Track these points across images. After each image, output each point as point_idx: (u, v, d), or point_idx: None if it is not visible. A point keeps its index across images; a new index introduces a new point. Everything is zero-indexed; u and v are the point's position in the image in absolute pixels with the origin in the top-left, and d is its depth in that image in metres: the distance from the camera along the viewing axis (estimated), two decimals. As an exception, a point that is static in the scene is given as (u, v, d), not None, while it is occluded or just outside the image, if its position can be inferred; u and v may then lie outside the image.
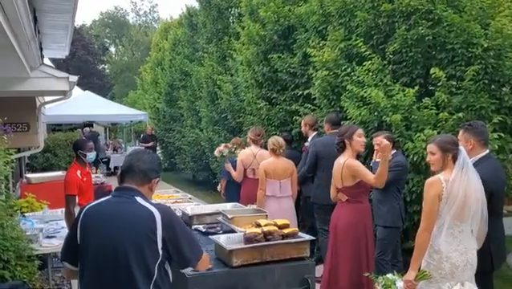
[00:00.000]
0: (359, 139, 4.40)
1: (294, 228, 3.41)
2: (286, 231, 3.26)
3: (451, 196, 3.20)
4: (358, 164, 4.36)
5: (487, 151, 3.79)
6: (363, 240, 4.36)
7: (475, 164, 3.50)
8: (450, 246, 3.25)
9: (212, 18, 11.92)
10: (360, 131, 4.48)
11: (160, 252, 2.25)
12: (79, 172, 5.08)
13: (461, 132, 3.84)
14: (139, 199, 2.34)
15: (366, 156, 5.89)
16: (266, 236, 3.17)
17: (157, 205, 2.35)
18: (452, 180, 3.22)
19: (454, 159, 3.28)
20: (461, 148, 3.35)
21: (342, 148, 4.45)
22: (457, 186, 3.20)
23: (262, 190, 5.39)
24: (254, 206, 5.08)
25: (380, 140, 4.23)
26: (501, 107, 5.44)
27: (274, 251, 3.13)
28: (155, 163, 2.48)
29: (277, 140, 5.50)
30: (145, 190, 2.42)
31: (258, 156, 5.91)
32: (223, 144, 6.46)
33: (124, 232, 2.25)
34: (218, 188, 7.21)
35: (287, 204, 5.40)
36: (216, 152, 6.38)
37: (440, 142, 3.35)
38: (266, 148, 5.81)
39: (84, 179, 5.13)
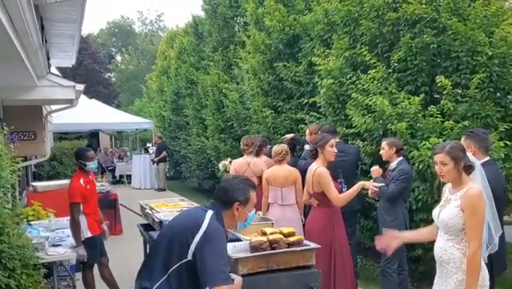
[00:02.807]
0: (330, 149, 4.59)
1: (299, 236, 3.41)
2: (291, 239, 3.26)
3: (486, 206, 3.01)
4: (327, 176, 4.51)
5: (488, 158, 3.89)
6: (333, 243, 4.49)
7: None
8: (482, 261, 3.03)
9: (217, 26, 12.00)
10: (333, 142, 4.65)
11: (190, 257, 2.39)
12: (82, 181, 5.06)
13: (462, 139, 3.91)
14: (210, 212, 2.53)
15: (371, 164, 5.88)
16: (272, 244, 3.17)
17: (213, 223, 2.48)
18: (481, 189, 3.02)
19: (465, 165, 3.03)
20: (468, 153, 3.17)
21: (314, 156, 4.66)
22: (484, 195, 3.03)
23: (266, 197, 5.43)
24: (260, 214, 5.11)
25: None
26: (506, 115, 5.44)
27: (279, 260, 3.13)
28: (234, 190, 2.63)
29: (275, 148, 5.53)
30: (227, 214, 2.61)
31: (251, 165, 5.96)
32: (228, 159, 6.46)
33: (173, 226, 2.61)
34: None
35: (292, 213, 5.37)
36: (220, 166, 6.37)
37: (451, 151, 3.04)
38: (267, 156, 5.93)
39: (88, 187, 5.12)
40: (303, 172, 5.42)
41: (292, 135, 6.79)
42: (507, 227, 8.18)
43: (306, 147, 6.24)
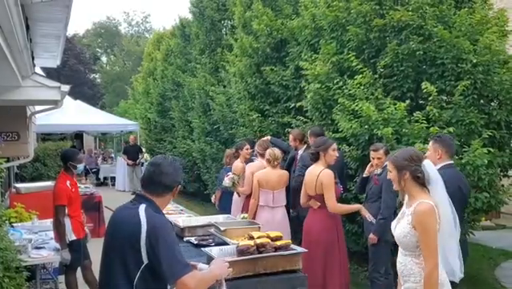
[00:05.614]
0: (332, 153, 4.72)
1: (287, 240, 3.42)
2: (278, 243, 3.27)
3: (441, 219, 2.86)
4: (331, 180, 4.59)
5: (452, 161, 4.21)
6: (335, 243, 4.62)
7: (441, 169, 3.66)
8: (444, 274, 2.93)
9: (205, 29, 11.98)
10: (335, 146, 4.78)
11: (145, 261, 2.30)
12: (68, 183, 5.03)
13: (430, 143, 4.23)
14: (142, 207, 2.38)
15: (357, 169, 5.92)
16: (259, 248, 3.18)
17: (151, 217, 2.35)
18: (438, 202, 2.89)
19: (413, 176, 2.89)
20: (426, 162, 2.98)
21: (316, 159, 4.74)
22: (441, 208, 2.90)
23: (255, 200, 5.43)
24: (246, 215, 5.13)
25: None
26: (489, 121, 5.53)
27: (266, 264, 3.13)
28: (175, 173, 2.49)
29: (273, 151, 5.54)
30: (162, 200, 2.47)
31: None
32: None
33: (114, 236, 2.41)
34: (212, 199, 7.18)
35: (282, 214, 5.44)
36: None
37: (395, 159, 2.96)
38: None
39: (73, 189, 5.09)
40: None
41: (268, 138, 6.78)
42: (495, 232, 8.34)
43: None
